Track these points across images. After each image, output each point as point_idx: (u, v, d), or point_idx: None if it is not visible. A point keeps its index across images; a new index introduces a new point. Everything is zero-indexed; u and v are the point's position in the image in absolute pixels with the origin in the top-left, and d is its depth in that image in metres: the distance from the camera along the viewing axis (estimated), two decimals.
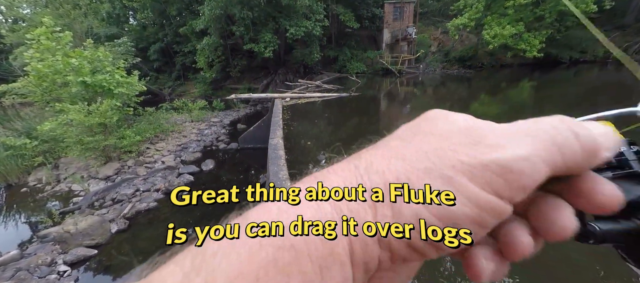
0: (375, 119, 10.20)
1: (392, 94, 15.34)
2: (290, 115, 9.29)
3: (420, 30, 23.57)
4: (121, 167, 6.87)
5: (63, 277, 3.61)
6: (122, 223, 4.65)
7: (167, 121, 10.59)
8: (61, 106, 6.36)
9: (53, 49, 7.10)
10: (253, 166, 7.04)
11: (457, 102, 12.12)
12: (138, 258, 3.98)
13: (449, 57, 22.54)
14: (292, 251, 0.18)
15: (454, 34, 20.44)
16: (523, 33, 17.48)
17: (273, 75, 20.73)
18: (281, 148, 3.90)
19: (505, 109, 9.51)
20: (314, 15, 18.16)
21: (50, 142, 7.23)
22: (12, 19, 23.41)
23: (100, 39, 18.80)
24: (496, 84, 16.10)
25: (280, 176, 2.90)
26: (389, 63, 21.36)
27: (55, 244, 4.10)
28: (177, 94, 21.84)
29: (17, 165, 6.90)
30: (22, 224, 5.17)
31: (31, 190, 6.31)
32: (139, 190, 5.78)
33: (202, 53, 19.10)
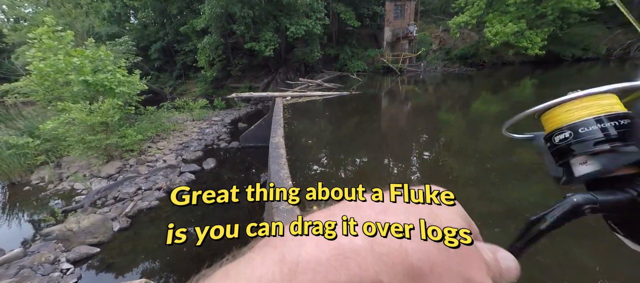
0: (376, 118, 10.19)
1: (393, 93, 15.30)
2: (291, 114, 9.29)
3: (421, 28, 23.48)
4: (123, 166, 6.89)
5: (66, 275, 3.63)
6: (125, 221, 4.67)
7: (168, 120, 10.62)
8: (63, 105, 6.39)
9: (55, 48, 7.12)
10: (254, 165, 7.05)
11: (458, 100, 12.09)
12: (140, 256, 4.01)
13: (450, 55, 22.46)
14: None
15: (455, 32, 20.37)
16: (525, 30, 17.39)
17: (274, 74, 20.72)
18: (282, 147, 3.90)
19: (506, 107, 9.47)
20: (314, 14, 18.12)
21: (52, 141, 7.26)
22: (14, 18, 23.48)
23: (101, 38, 18.85)
24: (498, 82, 16.04)
25: (281, 175, 2.90)
26: (390, 61, 21.30)
27: (58, 242, 4.12)
28: (178, 92, 21.87)
29: (20, 164, 6.93)
30: (25, 222, 5.20)
31: (34, 189, 6.35)
32: (141, 189, 5.80)
33: (203, 52, 19.10)
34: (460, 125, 8.59)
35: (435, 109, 10.80)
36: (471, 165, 5.32)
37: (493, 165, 5.33)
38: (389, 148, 6.80)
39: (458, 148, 6.50)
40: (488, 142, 6.67)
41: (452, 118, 9.53)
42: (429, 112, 10.43)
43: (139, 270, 3.78)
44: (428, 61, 22.63)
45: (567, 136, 0.36)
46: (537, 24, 17.78)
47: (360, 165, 5.77)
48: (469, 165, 5.28)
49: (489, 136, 7.20)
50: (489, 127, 7.80)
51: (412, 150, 6.47)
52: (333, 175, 5.34)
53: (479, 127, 8.03)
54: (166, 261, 3.88)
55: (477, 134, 7.53)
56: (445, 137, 7.35)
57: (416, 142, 7.11)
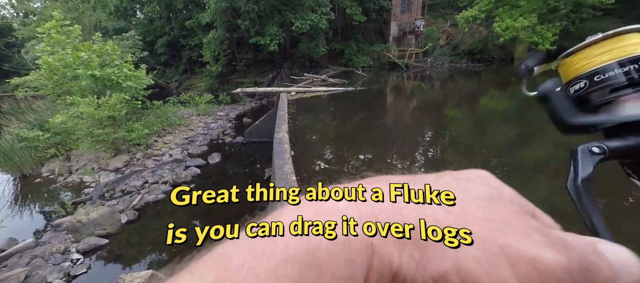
0: (382, 114, 10.13)
1: (399, 89, 15.17)
2: (295, 109, 9.29)
3: (428, 23, 23.08)
4: (130, 160, 7.00)
5: (76, 265, 3.73)
6: (132, 214, 4.77)
7: (174, 114, 10.71)
8: (72, 99, 6.49)
9: (63, 43, 7.21)
10: (259, 160, 7.09)
11: (465, 97, 11.93)
12: (147, 249, 4.09)
13: (457, 50, 22.09)
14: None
15: (463, 26, 19.94)
16: (536, 25, 16.95)
17: (279, 69, 20.69)
18: (286, 143, 3.91)
19: (515, 105, 9.31)
20: (319, 8, 17.96)
21: (61, 135, 7.40)
22: (23, 12, 23.81)
23: (108, 32, 19.00)
24: (506, 78, 15.76)
25: (285, 170, 2.91)
26: (396, 57, 21.06)
27: (68, 233, 4.23)
28: (184, 87, 22.02)
29: (30, 157, 7.09)
30: (36, 213, 5.35)
31: (44, 181, 6.50)
32: (148, 182, 5.89)
33: (208, 47, 19.15)
34: (467, 122, 8.49)
35: (442, 106, 10.68)
36: (477, 162, 5.27)
37: (499, 162, 5.27)
38: (393, 144, 6.77)
39: (464, 146, 6.44)
40: (494, 139, 6.59)
41: (458, 115, 9.43)
42: (435, 109, 10.32)
43: (146, 261, 3.87)
44: (435, 57, 22.30)
45: (581, 86, 0.34)
46: (548, 18, 17.31)
47: (364, 162, 5.76)
48: (475, 162, 5.23)
49: (495, 133, 7.11)
50: (496, 123, 7.69)
51: (418, 147, 6.43)
52: (337, 171, 5.35)
53: (486, 124, 7.93)
54: (173, 254, 3.96)
55: (484, 130, 7.44)
56: (451, 134, 7.28)
57: (421, 138, 7.06)
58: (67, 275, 3.56)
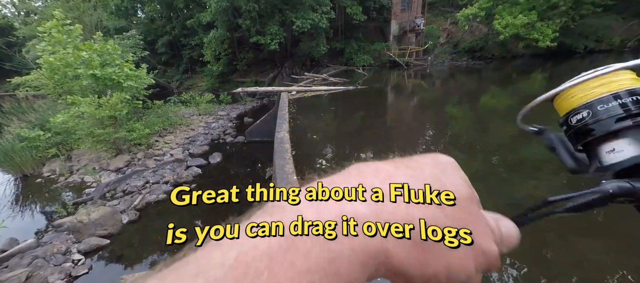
0: (382, 112, 10.11)
1: (400, 87, 15.14)
2: (296, 108, 9.29)
3: (428, 21, 23.02)
4: (131, 159, 7.01)
5: (77, 265, 3.74)
6: (133, 214, 4.78)
7: (175, 114, 10.73)
8: (72, 99, 6.50)
9: (64, 42, 7.22)
10: (260, 159, 7.10)
11: (466, 94, 11.90)
12: (149, 249, 4.10)
13: (458, 48, 22.02)
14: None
15: (463, 24, 19.90)
16: (536, 22, 16.90)
17: (279, 68, 20.67)
18: (287, 142, 3.92)
19: (515, 102, 9.29)
20: (320, 8, 17.94)
21: (62, 134, 7.42)
22: (24, 11, 23.84)
23: (109, 32, 19.03)
24: (507, 75, 15.71)
25: (286, 169, 2.92)
26: (397, 55, 21.02)
27: (70, 233, 4.24)
28: (185, 87, 22.03)
29: (31, 157, 7.11)
30: (37, 214, 5.36)
31: (46, 181, 6.52)
32: (149, 182, 5.90)
33: (209, 46, 19.16)
34: (468, 119, 8.48)
35: (443, 104, 10.66)
36: (478, 160, 5.27)
37: (500, 159, 5.26)
38: (394, 143, 6.76)
39: (465, 143, 6.43)
40: (496, 137, 6.58)
41: (459, 112, 9.41)
42: (436, 107, 10.30)
43: (148, 262, 3.88)
44: (435, 55, 22.25)
45: (584, 116, 0.34)
46: (548, 15, 17.25)
47: (365, 160, 5.75)
48: (476, 160, 5.22)
49: (496, 131, 7.10)
50: (497, 121, 7.68)
51: (419, 145, 6.42)
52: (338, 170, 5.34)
53: (487, 122, 7.91)
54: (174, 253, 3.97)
55: (485, 128, 7.43)
56: (452, 132, 7.27)
57: (423, 136, 7.06)
58: (68, 275, 3.57)
